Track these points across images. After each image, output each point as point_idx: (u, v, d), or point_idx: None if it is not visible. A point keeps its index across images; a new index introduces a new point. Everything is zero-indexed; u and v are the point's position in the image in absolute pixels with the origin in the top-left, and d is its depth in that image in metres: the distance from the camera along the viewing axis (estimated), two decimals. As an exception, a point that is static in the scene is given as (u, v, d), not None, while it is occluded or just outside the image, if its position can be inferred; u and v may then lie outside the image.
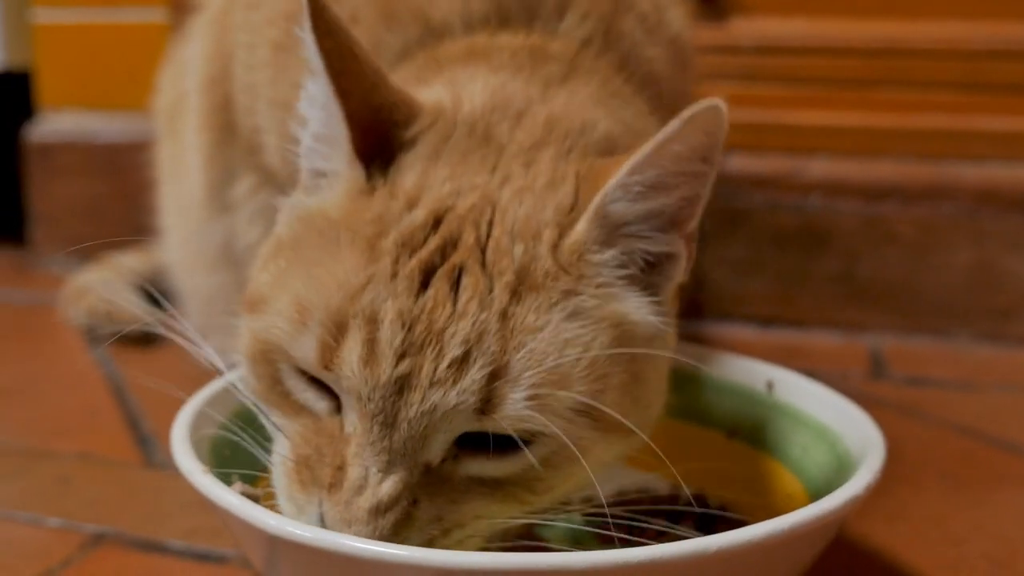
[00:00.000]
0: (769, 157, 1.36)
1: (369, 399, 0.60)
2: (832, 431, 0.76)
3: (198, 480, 0.66)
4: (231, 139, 0.97)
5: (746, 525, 0.64)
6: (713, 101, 0.60)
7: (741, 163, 1.35)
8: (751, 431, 0.84)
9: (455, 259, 0.62)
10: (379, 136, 0.67)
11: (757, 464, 0.82)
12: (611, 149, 0.71)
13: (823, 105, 1.36)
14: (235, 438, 0.74)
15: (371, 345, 0.60)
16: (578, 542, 0.79)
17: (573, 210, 0.65)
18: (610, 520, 0.82)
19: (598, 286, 0.64)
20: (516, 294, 0.62)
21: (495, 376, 0.60)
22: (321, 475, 0.62)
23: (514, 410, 0.60)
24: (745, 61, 1.37)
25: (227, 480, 0.68)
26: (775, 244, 1.36)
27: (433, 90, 0.73)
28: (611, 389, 0.63)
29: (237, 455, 0.75)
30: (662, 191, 0.64)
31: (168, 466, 0.94)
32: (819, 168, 1.34)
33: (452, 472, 0.63)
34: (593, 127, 0.72)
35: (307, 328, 0.61)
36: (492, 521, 0.65)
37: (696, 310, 1.36)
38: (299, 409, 0.65)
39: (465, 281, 0.61)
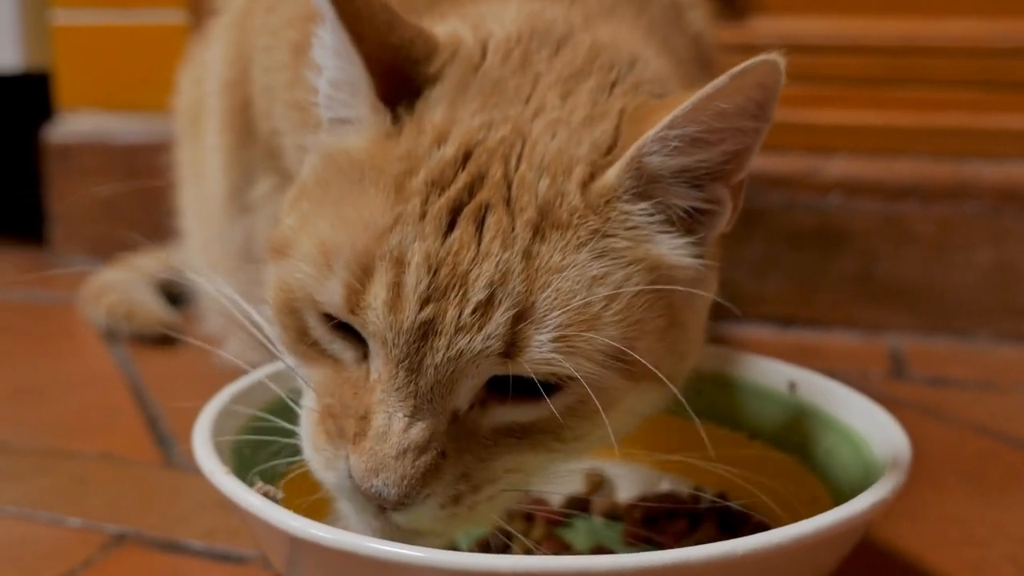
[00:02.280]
0: (787, 156, 1.36)
1: (394, 344, 0.58)
2: (857, 433, 0.76)
3: (220, 482, 0.66)
4: (250, 142, 0.97)
5: (768, 527, 0.64)
6: (769, 56, 0.57)
7: (759, 162, 1.33)
8: (773, 432, 0.83)
9: (481, 197, 0.60)
10: (401, 76, 0.64)
11: (780, 466, 0.81)
12: (662, 91, 0.68)
13: (842, 104, 1.35)
14: (255, 438, 0.74)
15: (397, 289, 0.58)
16: (601, 545, 0.79)
17: (610, 151, 0.63)
18: (633, 522, 0.82)
19: (629, 228, 0.61)
20: (539, 231, 0.59)
21: (520, 318, 0.58)
22: (346, 426, 0.61)
23: (540, 353, 0.57)
24: (763, 60, 1.37)
25: (248, 480, 0.68)
26: (793, 243, 1.35)
27: (448, 23, 0.70)
28: (646, 335, 0.61)
29: (257, 455, 0.75)
30: (704, 146, 0.61)
31: (188, 466, 0.95)
32: (837, 167, 1.34)
33: (479, 421, 0.61)
34: (645, 63, 0.69)
35: (332, 271, 0.60)
36: (523, 476, 0.63)
37: (715, 310, 1.35)
38: (326, 359, 0.63)
39: (489, 220, 0.59)
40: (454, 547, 0.75)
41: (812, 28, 1.37)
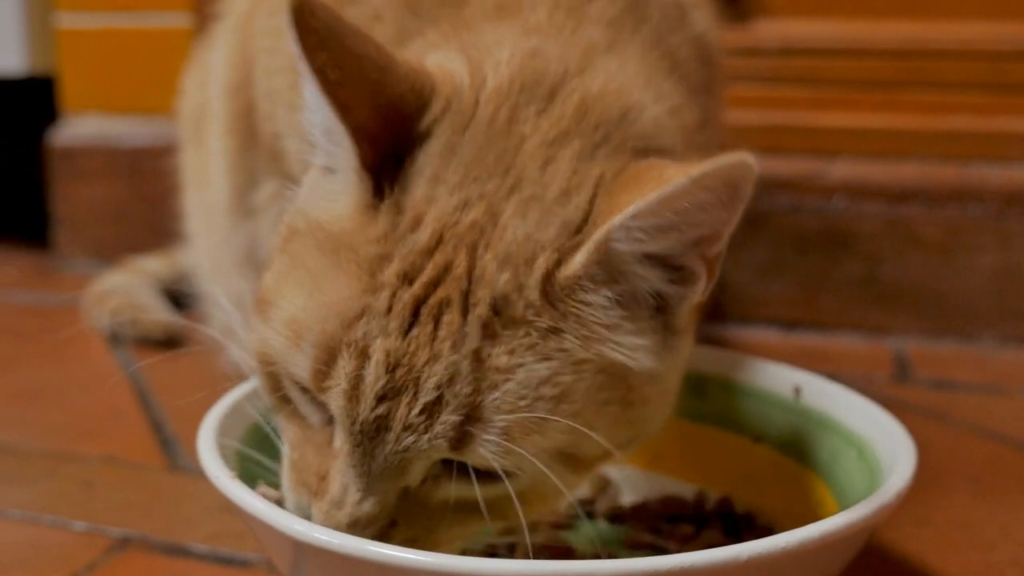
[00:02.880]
0: (792, 159, 1.35)
1: (351, 430, 0.61)
2: (861, 437, 0.76)
3: (225, 485, 0.66)
4: (254, 145, 0.97)
5: (773, 531, 0.64)
6: (737, 159, 0.57)
7: (763, 165, 1.33)
8: (778, 436, 0.83)
9: (441, 292, 0.60)
10: (389, 137, 0.63)
11: (784, 470, 0.81)
12: (652, 146, 0.67)
13: (846, 107, 1.35)
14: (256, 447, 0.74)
15: (356, 381, 0.60)
16: (605, 548, 0.79)
17: (580, 231, 0.62)
18: (637, 526, 0.82)
19: (587, 326, 0.61)
20: (490, 331, 0.59)
21: (467, 419, 0.59)
22: (308, 480, 0.64)
23: (485, 451, 0.59)
24: (768, 63, 1.36)
25: (251, 483, 0.68)
26: (798, 246, 1.35)
27: (450, 56, 0.69)
28: (598, 427, 0.61)
29: (262, 458, 0.75)
30: (671, 232, 0.60)
31: (192, 469, 0.95)
32: (842, 170, 1.34)
33: (430, 495, 0.63)
34: (638, 114, 0.68)
35: (301, 348, 0.61)
36: (466, 541, 0.66)
37: (718, 313, 1.35)
38: (296, 416, 0.66)
39: (444, 318, 0.59)
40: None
41: (816, 30, 1.37)
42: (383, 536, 0.62)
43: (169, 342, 1.29)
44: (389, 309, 0.60)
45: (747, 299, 1.37)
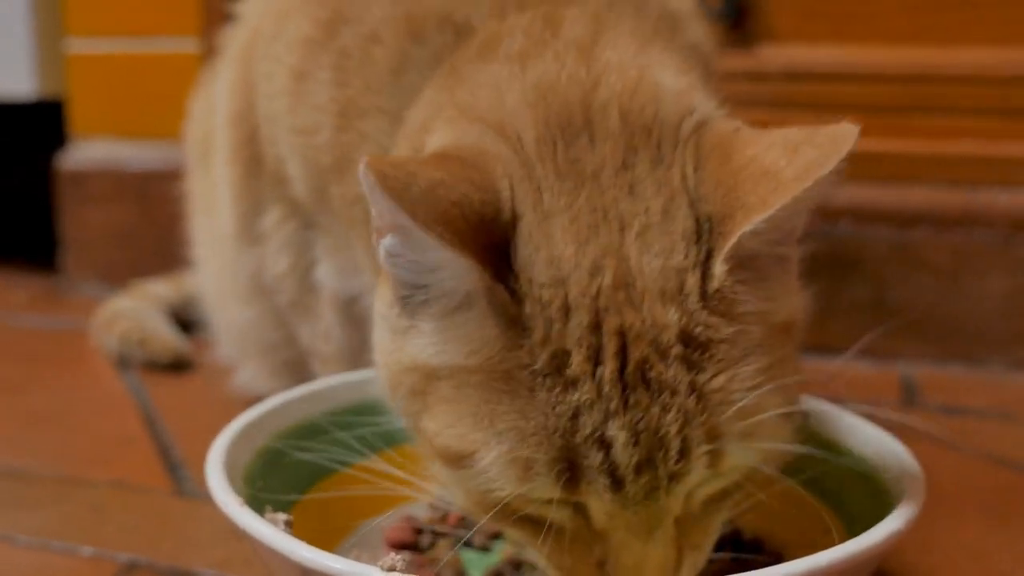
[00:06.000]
0: (799, 184, 1.35)
1: (621, 511, 0.60)
2: (869, 463, 0.75)
3: (233, 511, 0.66)
4: (259, 172, 0.98)
5: (782, 558, 0.64)
6: (850, 129, 0.63)
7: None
8: (785, 462, 0.83)
9: (635, 355, 0.60)
10: (492, 243, 0.62)
11: (792, 496, 0.81)
12: (699, 120, 0.68)
13: (853, 132, 1.35)
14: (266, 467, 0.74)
15: (612, 469, 0.59)
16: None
17: (699, 237, 0.63)
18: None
19: (753, 313, 0.63)
20: (692, 363, 0.60)
21: (713, 441, 0.60)
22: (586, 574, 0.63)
23: (737, 458, 0.61)
24: (773, 88, 1.37)
25: (259, 509, 0.68)
26: (804, 270, 1.35)
27: (466, 130, 0.69)
28: (791, 373, 0.64)
29: (270, 483, 0.75)
30: (796, 216, 0.64)
31: (200, 494, 0.95)
32: (848, 194, 1.34)
33: (692, 507, 0.63)
34: (667, 94, 0.69)
35: (537, 475, 0.60)
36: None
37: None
38: (537, 532, 0.63)
39: (651, 375, 0.60)
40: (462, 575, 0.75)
41: (821, 56, 1.37)
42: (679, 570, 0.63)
43: (177, 366, 1.29)
44: (599, 394, 0.59)
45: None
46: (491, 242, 0.61)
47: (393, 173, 0.59)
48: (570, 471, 0.59)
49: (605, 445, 0.59)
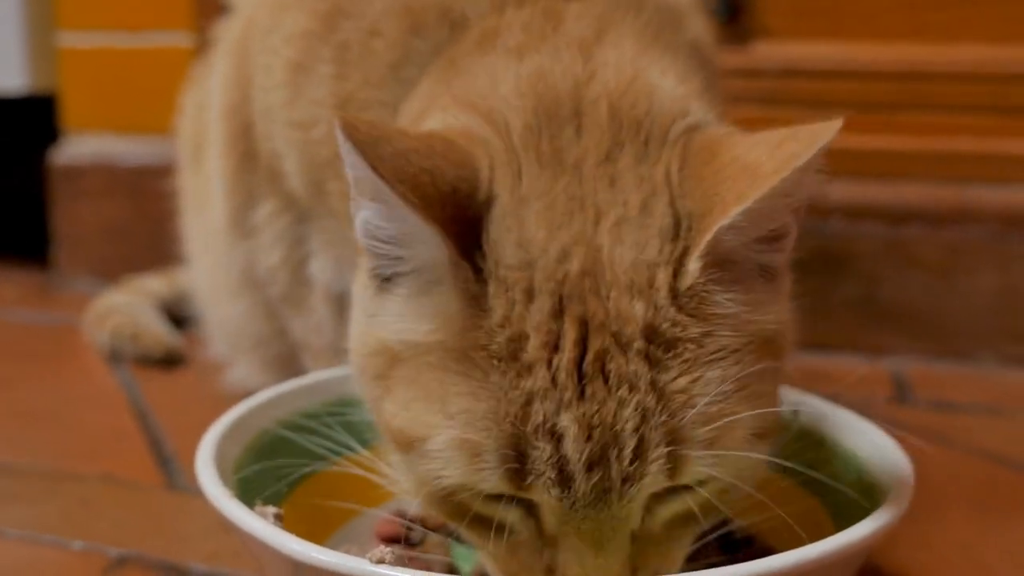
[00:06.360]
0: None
1: (572, 507, 0.59)
2: (860, 458, 0.76)
3: (223, 505, 0.66)
4: (253, 165, 0.97)
5: (771, 551, 0.64)
6: (832, 125, 0.60)
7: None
8: (775, 457, 0.83)
9: (595, 345, 0.59)
10: (463, 218, 0.61)
11: (782, 490, 0.81)
12: (691, 124, 0.67)
13: (846, 128, 1.34)
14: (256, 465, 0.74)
15: (560, 463, 0.58)
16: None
17: (677, 235, 0.61)
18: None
19: (729, 316, 0.61)
20: (655, 360, 0.59)
21: (673, 444, 0.58)
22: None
23: (699, 466, 0.59)
24: (768, 85, 1.37)
25: (249, 502, 0.68)
26: (795, 268, 1.35)
27: (456, 116, 0.69)
28: (770, 391, 0.63)
29: (260, 477, 0.75)
30: (776, 213, 0.62)
31: (190, 488, 0.95)
32: (839, 191, 1.34)
33: (651, 525, 0.62)
34: (662, 96, 0.68)
35: (484, 462, 0.58)
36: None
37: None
38: (487, 532, 0.62)
39: (610, 367, 0.58)
40: (453, 571, 0.75)
41: (816, 53, 1.37)
42: None
43: (169, 361, 1.29)
44: (554, 382, 0.58)
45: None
46: (462, 216, 0.61)
47: (366, 129, 0.59)
48: (519, 462, 0.58)
49: (556, 436, 0.57)
